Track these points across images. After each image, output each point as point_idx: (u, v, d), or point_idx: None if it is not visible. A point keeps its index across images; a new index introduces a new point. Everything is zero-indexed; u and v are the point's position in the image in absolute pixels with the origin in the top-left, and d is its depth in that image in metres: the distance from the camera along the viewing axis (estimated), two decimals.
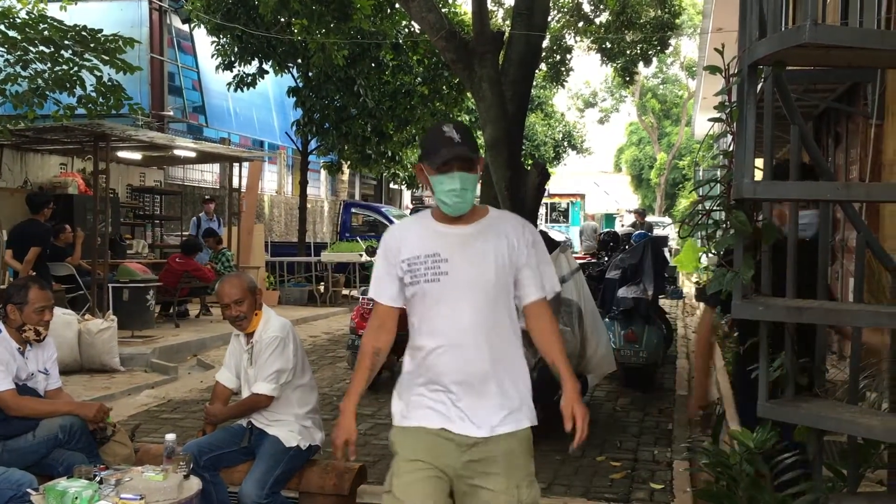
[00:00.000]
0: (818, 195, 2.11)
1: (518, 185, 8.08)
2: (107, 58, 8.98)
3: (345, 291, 15.84)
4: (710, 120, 2.50)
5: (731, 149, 2.34)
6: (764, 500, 2.55)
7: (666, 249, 14.46)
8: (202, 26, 14.71)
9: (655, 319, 8.19)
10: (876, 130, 8.14)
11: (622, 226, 28.42)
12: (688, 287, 16.38)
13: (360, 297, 8.49)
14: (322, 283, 15.02)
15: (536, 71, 11.63)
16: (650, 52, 17.00)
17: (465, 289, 2.64)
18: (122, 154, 12.80)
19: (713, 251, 2.74)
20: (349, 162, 17.21)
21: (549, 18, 15.90)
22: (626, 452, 5.93)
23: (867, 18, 1.88)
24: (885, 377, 3.45)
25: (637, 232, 14.92)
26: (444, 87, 15.77)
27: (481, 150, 7.91)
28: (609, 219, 35.58)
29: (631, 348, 7.67)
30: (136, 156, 13.30)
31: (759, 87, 2.20)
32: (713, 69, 2.18)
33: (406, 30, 15.43)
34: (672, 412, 7.06)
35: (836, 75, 8.14)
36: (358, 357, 2.89)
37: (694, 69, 33.29)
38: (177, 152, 12.98)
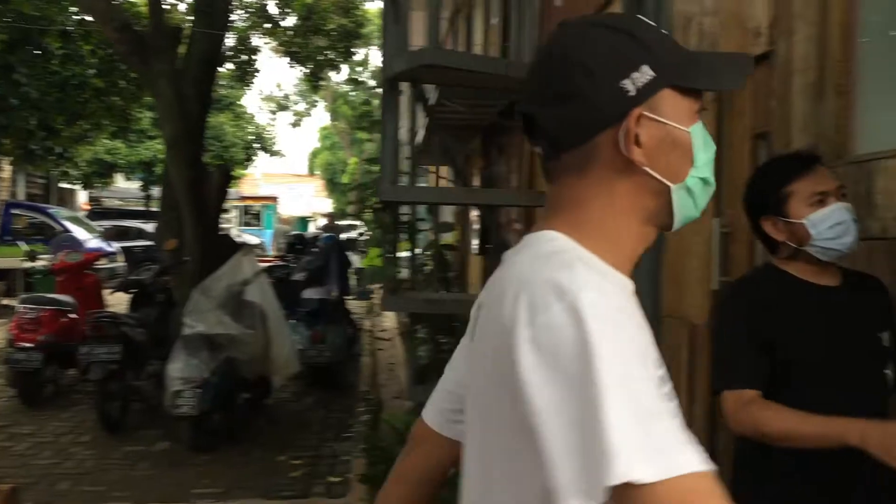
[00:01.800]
0: (446, 199, 2.36)
1: (200, 186, 7.88)
2: None
3: (4, 301, 14.24)
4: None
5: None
6: None
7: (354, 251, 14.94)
8: None
9: (341, 319, 8.44)
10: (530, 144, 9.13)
11: (317, 229, 28.77)
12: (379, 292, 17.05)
13: (20, 306, 7.73)
14: None
15: (222, 70, 11.38)
16: (337, 60, 17.45)
17: None
18: None
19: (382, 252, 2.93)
20: (11, 158, 15.52)
21: (235, 18, 15.64)
22: (307, 450, 6.06)
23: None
24: None
25: (325, 235, 15.22)
26: (121, 81, 14.82)
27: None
28: (303, 222, 35.78)
29: (316, 348, 7.83)
30: None
31: (434, 98, 2.40)
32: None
33: (77, 17, 14.28)
34: (355, 408, 7.34)
35: (495, 93, 8.95)
36: None
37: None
38: None
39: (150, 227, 16.97)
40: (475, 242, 10.98)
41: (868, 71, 2.67)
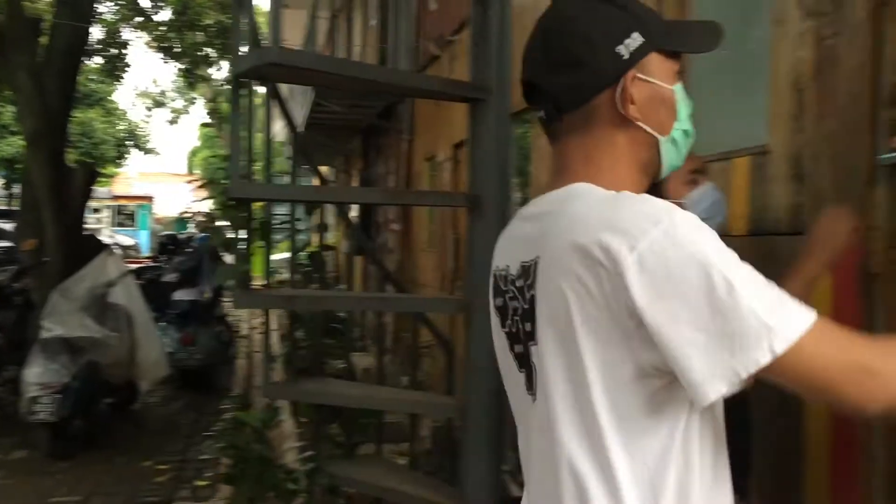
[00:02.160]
0: (290, 196, 2.40)
1: (62, 184, 7.54)
2: None
3: None
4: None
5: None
6: (271, 474, 2.80)
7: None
8: None
9: (214, 321, 8.28)
10: (408, 145, 9.23)
11: (193, 228, 27.92)
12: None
13: None
14: None
15: (91, 64, 10.92)
16: (214, 56, 17.02)
17: None
18: None
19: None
20: None
21: (104, 10, 15.04)
22: (174, 454, 5.92)
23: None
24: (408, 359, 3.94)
25: (199, 235, 14.85)
26: None
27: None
28: (181, 222, 34.67)
29: (186, 351, 7.65)
30: None
31: (313, 97, 2.41)
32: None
33: None
34: (227, 411, 7.21)
35: (374, 95, 8.99)
36: None
37: None
38: None
39: (10, 226, 16.07)
40: (354, 242, 10.98)
41: (697, 80, 2.87)
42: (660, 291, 0.93)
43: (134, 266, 10.50)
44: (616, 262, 0.94)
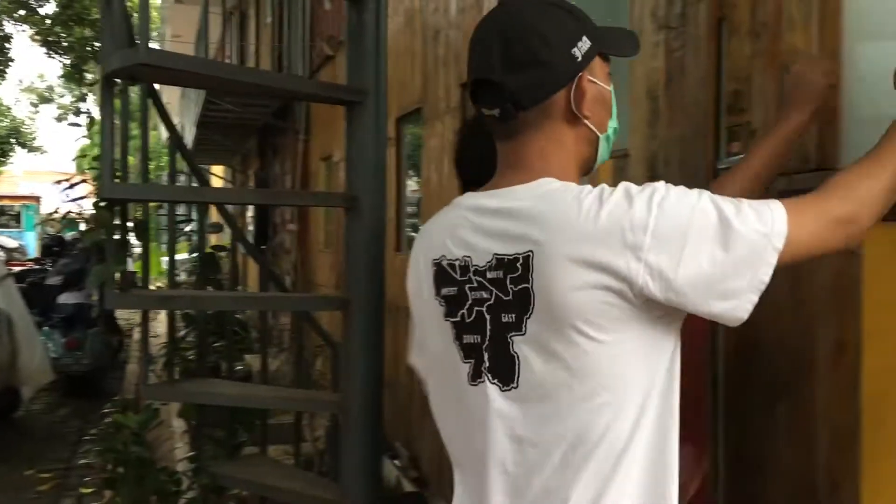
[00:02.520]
0: (165, 197, 2.40)
1: None
2: None
3: None
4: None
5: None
6: (152, 477, 2.78)
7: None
8: None
9: (102, 325, 8.04)
10: (304, 145, 9.18)
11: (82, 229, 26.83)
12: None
13: None
14: None
15: None
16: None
17: None
18: None
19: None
20: None
21: None
22: (58, 462, 5.74)
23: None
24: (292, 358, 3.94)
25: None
26: None
27: None
28: (73, 223, 33.24)
29: (72, 356, 7.41)
30: None
31: (201, 99, 2.39)
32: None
33: None
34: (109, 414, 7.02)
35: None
36: None
37: None
38: None
39: None
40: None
41: None
42: (675, 259, 1.05)
43: (17, 269, 10.07)
44: (626, 255, 1.05)
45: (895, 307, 1.52)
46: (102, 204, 2.31)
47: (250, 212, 11.14)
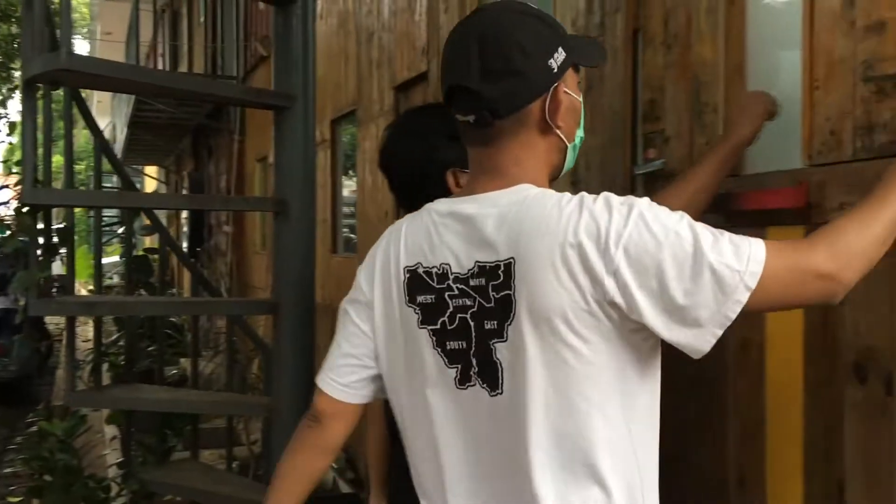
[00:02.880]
0: (89, 202, 2.38)
1: None
2: None
3: None
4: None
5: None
6: (80, 484, 2.74)
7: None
8: None
9: (30, 330, 7.84)
10: (239, 145, 9.08)
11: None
12: (85, 293, 15.92)
13: None
14: None
15: None
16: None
17: None
18: None
19: None
20: None
21: None
22: None
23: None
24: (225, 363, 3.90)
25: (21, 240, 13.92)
26: None
27: None
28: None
29: None
30: None
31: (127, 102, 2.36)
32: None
33: None
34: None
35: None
36: None
37: None
38: None
39: None
40: (185, 245, 10.67)
41: None
42: (643, 278, 1.04)
43: None
44: (600, 264, 1.05)
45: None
46: (25, 209, 2.27)
47: (185, 213, 10.97)
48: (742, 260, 1.04)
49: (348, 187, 5.97)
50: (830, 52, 1.51)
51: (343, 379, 1.32)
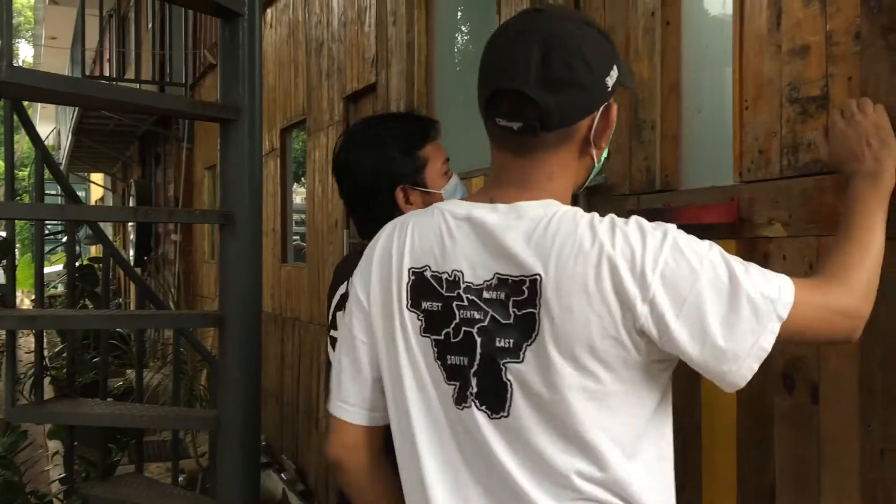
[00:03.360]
0: (33, 215, 2.34)
1: None
2: None
3: None
4: None
5: None
6: (22, 500, 2.69)
7: None
8: None
9: None
10: (187, 153, 8.98)
11: None
12: (27, 304, 15.57)
13: None
14: None
15: None
16: None
17: None
18: None
19: None
20: None
21: None
22: None
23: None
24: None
25: None
26: None
27: None
28: None
29: None
30: None
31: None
32: None
33: None
34: None
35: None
36: None
37: None
38: None
39: None
40: (132, 254, 10.50)
41: (443, 103, 3.11)
42: (680, 307, 0.99)
43: None
44: (634, 290, 1.00)
45: None
46: None
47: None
48: (773, 289, 1.02)
49: (300, 194, 5.95)
50: (759, 73, 1.57)
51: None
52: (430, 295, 1.11)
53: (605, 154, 1.18)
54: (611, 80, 1.10)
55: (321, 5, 4.84)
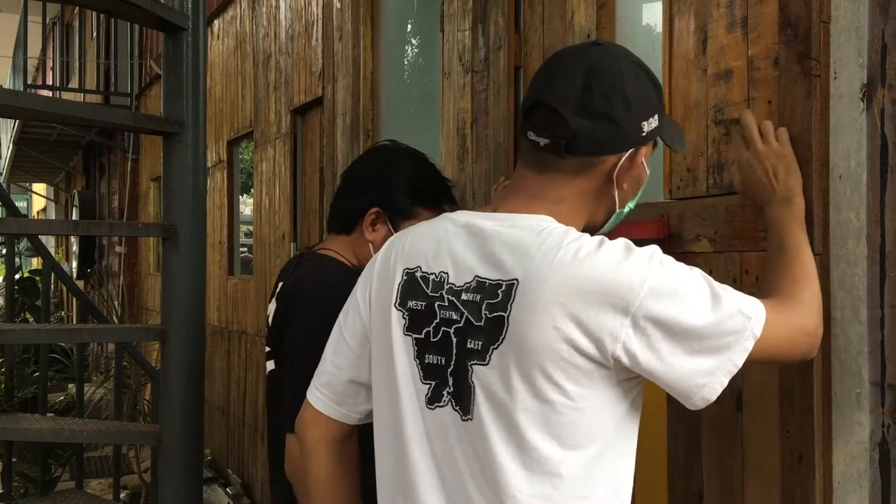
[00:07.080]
0: None
1: None
2: None
3: None
4: None
5: None
6: None
7: None
8: None
9: None
10: (133, 164, 8.85)
11: None
12: None
13: None
14: None
15: None
16: None
17: None
18: None
19: None
20: None
21: None
22: None
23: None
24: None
25: None
26: None
27: None
28: None
29: None
30: None
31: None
32: None
33: None
34: None
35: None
36: None
37: None
38: None
39: None
40: (75, 265, 10.29)
41: (389, 118, 3.14)
42: (659, 327, 1.01)
43: None
44: (612, 312, 1.01)
45: None
46: None
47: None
48: (748, 308, 1.06)
49: (249, 205, 5.91)
50: (686, 95, 1.64)
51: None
52: (417, 294, 1.15)
53: (630, 204, 1.20)
54: (647, 126, 1.13)
55: (269, 18, 4.85)
